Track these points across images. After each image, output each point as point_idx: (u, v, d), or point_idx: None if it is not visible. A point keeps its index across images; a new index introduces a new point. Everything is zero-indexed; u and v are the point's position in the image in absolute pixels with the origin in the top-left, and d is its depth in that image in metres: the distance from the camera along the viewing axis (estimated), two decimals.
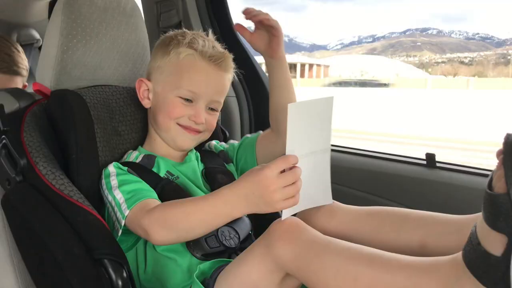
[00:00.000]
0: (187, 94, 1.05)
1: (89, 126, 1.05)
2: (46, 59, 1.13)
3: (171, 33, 1.12)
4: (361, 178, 1.53)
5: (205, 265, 0.93)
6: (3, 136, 0.97)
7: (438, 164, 1.40)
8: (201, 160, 1.16)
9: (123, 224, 0.92)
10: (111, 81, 1.21)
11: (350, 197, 1.49)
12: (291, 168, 0.80)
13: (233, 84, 1.74)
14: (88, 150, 1.03)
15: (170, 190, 1.01)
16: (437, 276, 0.65)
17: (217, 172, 1.13)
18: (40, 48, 2.37)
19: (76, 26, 1.10)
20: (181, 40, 1.07)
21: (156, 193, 0.99)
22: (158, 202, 0.94)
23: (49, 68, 1.11)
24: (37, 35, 2.36)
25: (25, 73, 1.78)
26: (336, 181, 1.49)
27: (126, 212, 0.91)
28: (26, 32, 2.33)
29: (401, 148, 7.64)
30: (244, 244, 0.98)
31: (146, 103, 1.12)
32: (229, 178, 1.13)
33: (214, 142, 1.26)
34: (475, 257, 0.61)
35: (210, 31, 1.13)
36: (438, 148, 7.36)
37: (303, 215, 0.94)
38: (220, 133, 1.33)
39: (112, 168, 1.01)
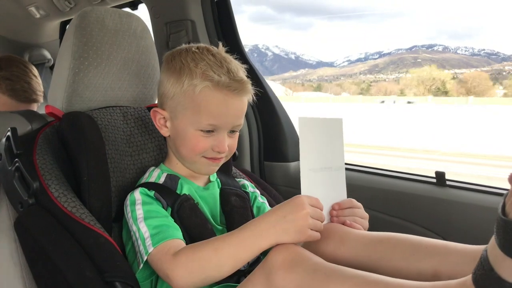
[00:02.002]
0: (208, 127, 1.01)
1: (100, 148, 1.06)
2: (58, 81, 1.14)
3: (178, 50, 1.07)
4: (369, 196, 1.53)
5: None
6: (16, 159, 0.98)
7: (448, 182, 1.40)
8: (220, 180, 1.16)
9: (145, 259, 0.91)
10: (122, 102, 1.23)
11: None
12: None
13: None
14: (99, 172, 1.03)
15: (187, 207, 1.01)
16: None
17: (232, 194, 1.13)
18: (51, 67, 2.41)
19: (87, 49, 1.12)
20: (194, 69, 1.00)
21: (175, 210, 0.99)
22: (183, 243, 0.92)
23: (61, 90, 1.12)
24: (48, 55, 2.41)
25: (41, 99, 1.79)
26: None
27: (150, 249, 0.90)
28: (37, 52, 2.38)
29: None
30: (252, 267, 0.97)
31: (164, 132, 1.09)
32: (243, 201, 1.13)
33: (246, 182, 1.26)
34: (488, 283, 0.60)
35: (220, 44, 1.08)
36: None
37: (311, 241, 0.94)
38: None
39: (138, 195, 0.99)
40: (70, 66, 1.10)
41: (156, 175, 1.08)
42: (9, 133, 1.02)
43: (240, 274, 0.97)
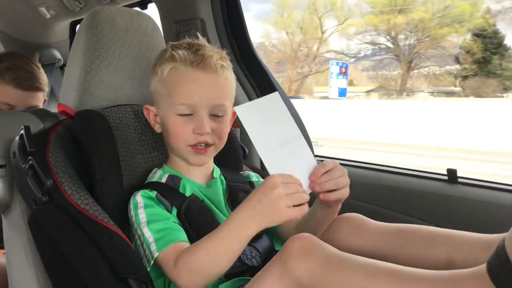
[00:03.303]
0: (183, 109, 1.01)
1: (113, 146, 1.07)
2: (70, 80, 1.15)
3: (160, 51, 1.10)
4: (381, 194, 1.52)
5: (226, 284, 0.93)
6: (30, 157, 0.99)
7: (459, 180, 1.39)
8: (225, 177, 1.15)
9: (151, 263, 0.91)
10: (133, 100, 1.23)
11: (370, 213, 1.46)
12: None
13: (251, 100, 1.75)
14: (111, 170, 1.04)
15: (194, 208, 1.00)
16: None
17: (239, 190, 1.13)
18: (61, 67, 2.43)
19: (98, 48, 1.12)
20: (163, 55, 1.04)
21: (182, 211, 0.99)
22: (187, 245, 0.92)
23: (73, 88, 1.13)
24: (58, 55, 2.43)
25: (46, 88, 1.82)
26: (356, 197, 1.49)
27: (156, 254, 0.90)
28: (47, 52, 2.40)
29: None
30: (265, 262, 0.98)
31: (157, 128, 1.10)
32: None
33: (249, 172, 1.26)
34: (503, 273, 0.60)
35: (198, 34, 1.10)
36: None
37: (330, 230, 0.94)
38: (240, 150, 1.34)
39: (140, 198, 0.99)
40: (81, 65, 1.11)
41: (158, 175, 1.08)
42: (22, 132, 1.03)
43: (254, 270, 0.97)
